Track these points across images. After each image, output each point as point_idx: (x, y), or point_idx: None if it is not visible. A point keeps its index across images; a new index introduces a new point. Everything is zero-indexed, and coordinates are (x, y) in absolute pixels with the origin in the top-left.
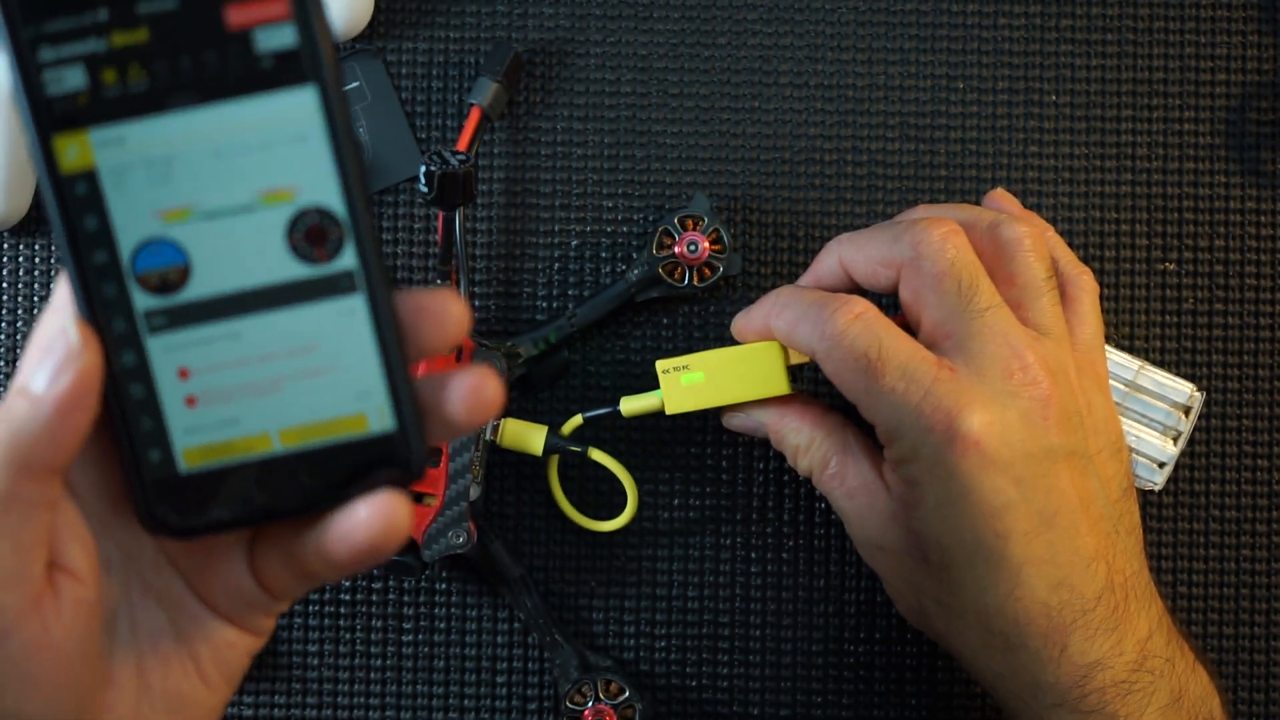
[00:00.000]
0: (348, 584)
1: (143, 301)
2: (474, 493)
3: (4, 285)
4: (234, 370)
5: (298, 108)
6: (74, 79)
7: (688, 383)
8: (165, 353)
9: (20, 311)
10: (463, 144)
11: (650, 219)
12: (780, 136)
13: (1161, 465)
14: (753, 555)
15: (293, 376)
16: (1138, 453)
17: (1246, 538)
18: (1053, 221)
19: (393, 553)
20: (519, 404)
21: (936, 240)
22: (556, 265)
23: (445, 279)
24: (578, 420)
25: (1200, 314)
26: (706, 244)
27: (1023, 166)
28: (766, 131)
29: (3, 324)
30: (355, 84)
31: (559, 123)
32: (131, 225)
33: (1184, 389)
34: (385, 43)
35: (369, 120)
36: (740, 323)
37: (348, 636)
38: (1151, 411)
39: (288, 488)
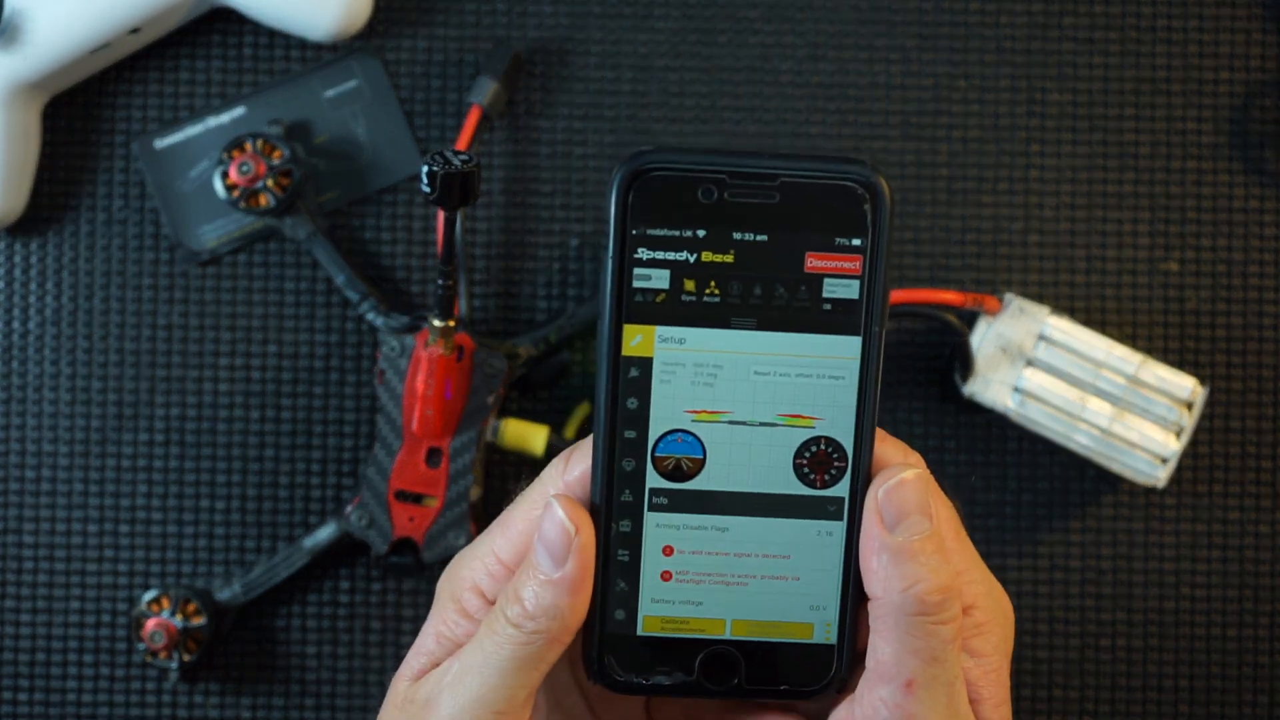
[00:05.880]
0: (347, 584)
1: (653, 480)
2: (475, 494)
3: (1, 285)
4: (712, 559)
5: (841, 352)
6: (659, 280)
7: None
8: (658, 529)
9: (17, 311)
10: (463, 143)
11: None
12: (780, 136)
13: (1164, 461)
14: None
15: (760, 576)
16: (1140, 448)
17: (1250, 539)
18: (1054, 221)
19: None
20: (519, 404)
21: None
22: (556, 265)
23: (446, 279)
24: (586, 408)
25: (1203, 314)
26: None
27: (1025, 165)
28: (766, 131)
29: None
30: (354, 83)
31: (559, 122)
32: (666, 414)
33: (1186, 384)
34: (385, 42)
35: (368, 120)
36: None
37: (347, 637)
38: (1153, 406)
39: (723, 672)
